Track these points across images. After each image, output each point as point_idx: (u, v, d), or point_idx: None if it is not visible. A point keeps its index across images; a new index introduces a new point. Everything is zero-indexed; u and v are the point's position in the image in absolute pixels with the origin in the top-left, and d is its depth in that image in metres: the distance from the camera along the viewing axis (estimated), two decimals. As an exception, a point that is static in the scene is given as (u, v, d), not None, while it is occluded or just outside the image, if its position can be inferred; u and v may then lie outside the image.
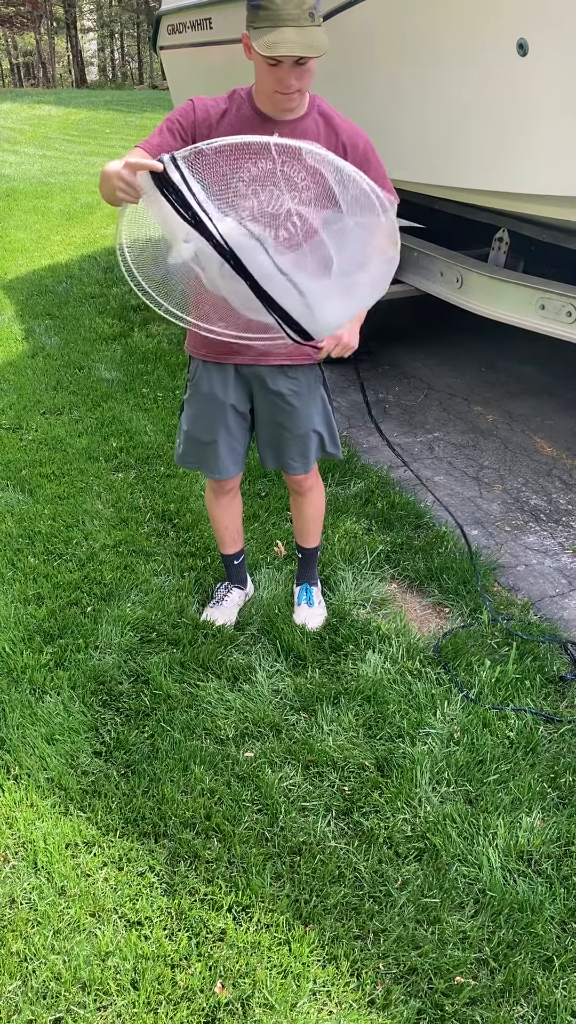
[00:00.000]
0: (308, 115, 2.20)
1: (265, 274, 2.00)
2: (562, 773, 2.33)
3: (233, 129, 2.15)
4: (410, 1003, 1.80)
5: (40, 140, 17.44)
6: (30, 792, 2.28)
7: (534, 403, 4.72)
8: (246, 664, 2.72)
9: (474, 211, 4.21)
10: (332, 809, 2.23)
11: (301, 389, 2.51)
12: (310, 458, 2.66)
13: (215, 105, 2.18)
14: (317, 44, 1.96)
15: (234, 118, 2.16)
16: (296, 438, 2.59)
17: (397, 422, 4.52)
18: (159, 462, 3.99)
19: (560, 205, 3.18)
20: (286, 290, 2.03)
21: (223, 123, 2.16)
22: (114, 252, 7.73)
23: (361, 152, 2.24)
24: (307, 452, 2.63)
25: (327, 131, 2.21)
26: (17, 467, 3.95)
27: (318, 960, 1.88)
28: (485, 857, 2.09)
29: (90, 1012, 1.77)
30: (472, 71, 3.24)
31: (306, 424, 2.57)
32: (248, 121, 2.16)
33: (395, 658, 2.73)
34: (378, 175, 2.26)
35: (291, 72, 2.02)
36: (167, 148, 2.13)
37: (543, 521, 3.60)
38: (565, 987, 1.83)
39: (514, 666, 2.66)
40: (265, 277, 2.00)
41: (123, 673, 2.68)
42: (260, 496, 3.70)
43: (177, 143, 2.15)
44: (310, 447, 2.62)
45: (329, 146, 2.19)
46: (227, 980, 1.83)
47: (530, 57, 2.91)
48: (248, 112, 2.17)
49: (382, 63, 3.85)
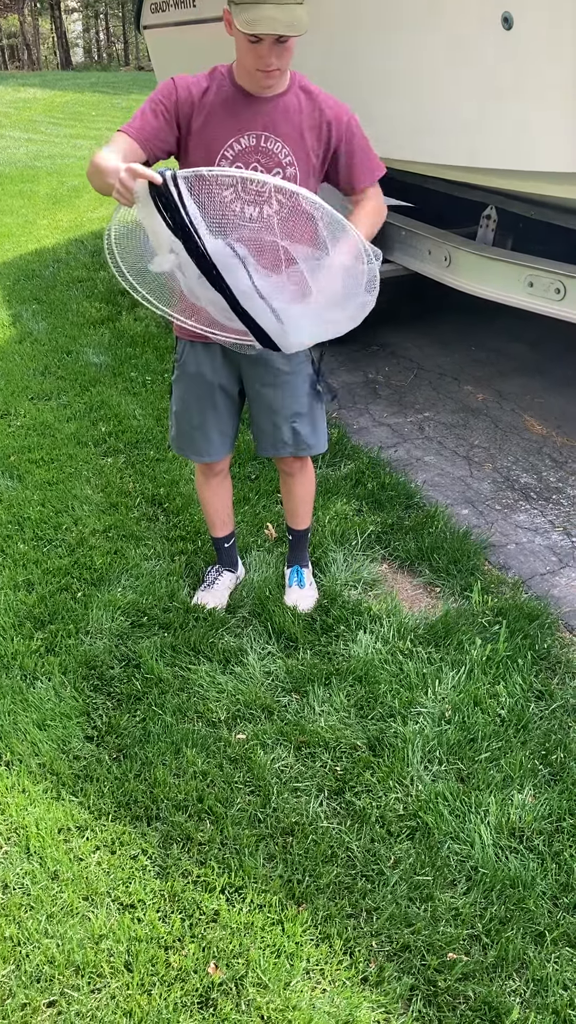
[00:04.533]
0: (289, 91, 2.18)
1: (244, 292, 2.01)
2: (553, 750, 2.33)
3: (215, 107, 2.14)
4: (403, 980, 1.81)
5: (25, 124, 17.28)
6: (22, 778, 2.28)
7: (524, 381, 4.71)
8: (237, 647, 2.72)
9: (462, 188, 4.18)
10: (324, 789, 2.24)
11: (290, 367, 2.49)
12: (300, 440, 2.64)
13: (196, 83, 2.16)
14: (298, 22, 1.94)
15: (215, 96, 2.14)
16: (285, 419, 2.57)
17: (387, 402, 4.51)
18: (148, 446, 3.97)
19: (548, 181, 3.16)
20: (263, 310, 2.05)
21: (205, 100, 2.14)
22: (100, 235, 7.68)
23: (345, 125, 2.22)
24: (297, 433, 2.61)
25: (310, 107, 2.19)
26: (5, 453, 3.93)
27: (311, 939, 1.89)
28: (477, 834, 2.09)
29: (84, 995, 1.78)
30: (458, 45, 3.21)
31: (295, 402, 2.55)
32: (229, 99, 2.14)
33: (386, 638, 2.73)
34: (363, 148, 2.26)
35: (271, 50, 2.00)
36: (150, 130, 2.14)
37: (533, 499, 3.60)
38: (557, 961, 1.84)
39: (505, 644, 2.67)
40: (244, 295, 2.02)
41: (114, 658, 2.68)
42: (250, 479, 3.69)
43: (160, 123, 2.14)
44: (300, 429, 2.60)
45: (313, 122, 2.17)
46: (220, 961, 1.84)
47: (515, 31, 2.88)
48: (229, 90, 2.15)
49: (368, 39, 3.81)
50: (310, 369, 2.55)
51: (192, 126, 2.16)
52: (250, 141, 2.15)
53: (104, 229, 2.09)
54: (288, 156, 2.17)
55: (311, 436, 2.64)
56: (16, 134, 15.64)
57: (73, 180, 11.03)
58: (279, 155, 2.17)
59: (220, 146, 2.16)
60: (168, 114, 2.14)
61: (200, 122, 2.15)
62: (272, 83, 2.10)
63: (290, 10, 1.93)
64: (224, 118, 2.14)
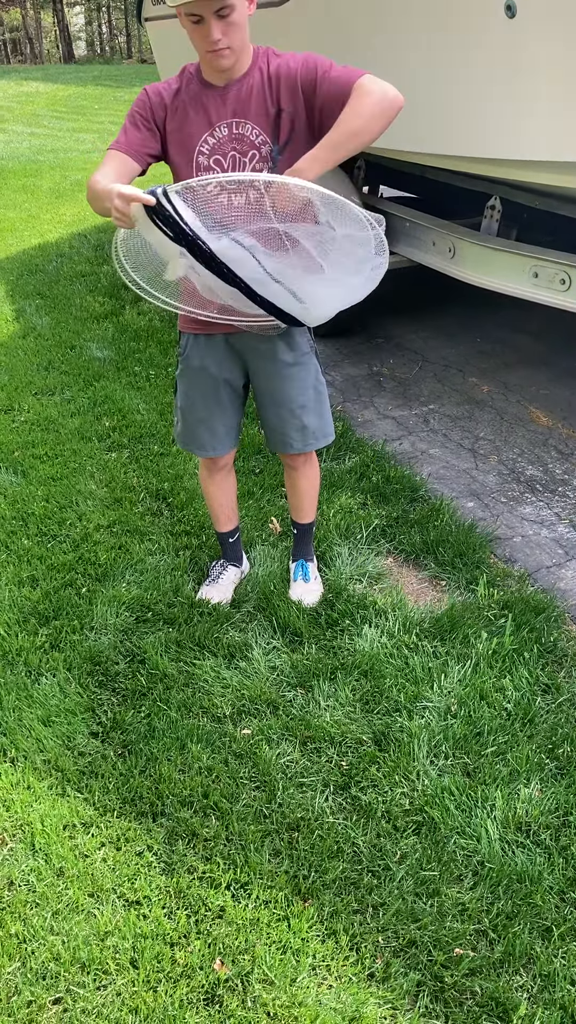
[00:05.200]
0: (252, 70, 2.14)
1: (259, 280, 2.02)
2: (560, 744, 2.32)
3: (186, 105, 2.16)
4: (409, 975, 1.80)
5: (28, 118, 17.25)
6: (27, 774, 2.27)
7: (529, 373, 4.68)
8: (242, 641, 2.71)
9: (466, 179, 4.15)
10: (330, 784, 2.23)
11: (294, 358, 2.47)
12: (307, 436, 2.62)
13: (167, 87, 2.19)
14: None
15: (185, 94, 2.17)
16: (291, 412, 2.55)
17: (392, 395, 4.49)
18: (152, 441, 3.96)
19: (553, 171, 3.13)
20: (281, 293, 2.07)
21: (177, 102, 2.16)
22: (104, 230, 7.67)
23: (302, 72, 2.10)
24: (305, 428, 2.60)
25: (266, 78, 2.12)
26: (9, 448, 3.93)
27: (317, 935, 1.88)
28: (483, 829, 2.08)
29: (90, 991, 1.78)
30: (460, 34, 3.18)
31: (301, 395, 2.53)
32: (197, 95, 2.15)
33: (392, 632, 2.72)
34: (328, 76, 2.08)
35: (215, 26, 1.98)
36: (136, 141, 2.18)
37: (539, 492, 3.58)
38: (564, 956, 1.83)
39: (511, 638, 2.65)
40: (259, 283, 2.03)
41: (119, 653, 2.67)
42: (255, 473, 3.68)
43: (143, 133, 2.19)
44: (307, 421, 2.59)
45: (273, 92, 2.12)
46: (226, 957, 1.83)
47: (518, 18, 2.85)
48: (197, 86, 2.16)
49: (369, 27, 3.78)
50: (315, 360, 2.54)
51: (168, 128, 2.19)
52: (223, 131, 2.15)
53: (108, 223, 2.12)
54: (260, 136, 2.14)
55: (318, 428, 2.63)
56: (19, 128, 15.61)
57: (76, 174, 11.00)
58: (252, 138, 2.15)
59: (196, 142, 2.17)
60: (147, 122, 2.19)
61: (175, 124, 2.18)
62: (226, 64, 2.07)
63: None
64: (195, 115, 2.15)
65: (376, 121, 2.04)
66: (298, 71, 2.10)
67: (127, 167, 2.16)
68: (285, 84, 2.11)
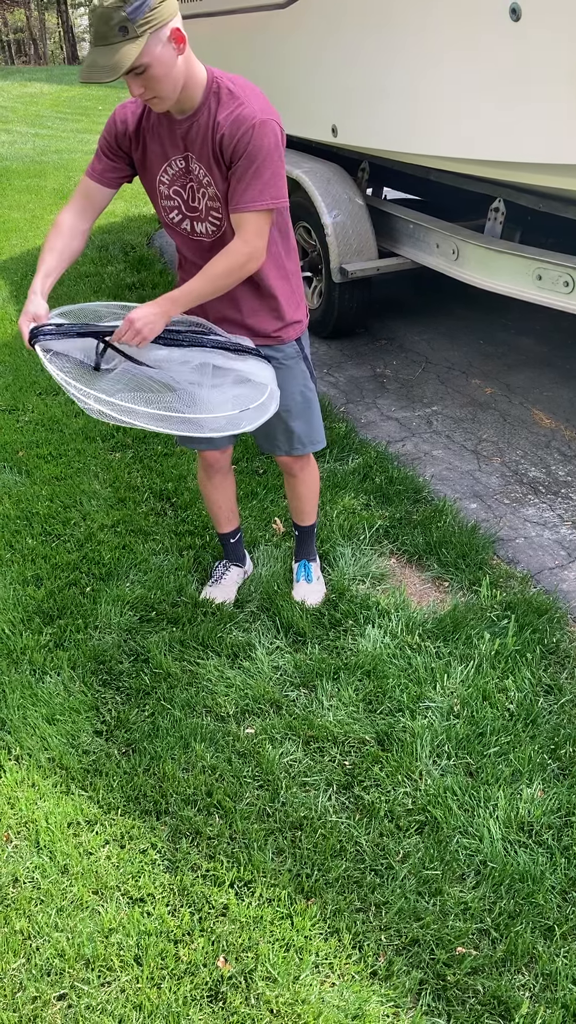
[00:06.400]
0: (203, 107, 2.04)
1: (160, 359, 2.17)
2: (562, 744, 2.33)
3: (149, 134, 2.14)
4: (412, 974, 1.81)
5: (32, 118, 17.26)
6: (31, 772, 2.28)
7: (532, 375, 4.69)
8: (246, 641, 2.72)
9: (469, 181, 4.16)
10: (333, 784, 2.24)
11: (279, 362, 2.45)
12: (293, 441, 2.61)
13: (133, 113, 2.16)
14: (119, 64, 1.82)
15: (150, 121, 2.13)
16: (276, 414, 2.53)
17: (395, 396, 4.50)
18: (156, 441, 3.97)
19: (557, 173, 3.14)
20: None
21: (143, 127, 2.15)
22: (108, 231, 7.69)
23: (238, 140, 2.00)
24: (291, 432, 2.59)
25: (211, 121, 2.02)
26: (14, 448, 3.94)
27: (320, 933, 1.89)
28: (486, 829, 2.09)
29: (94, 988, 1.79)
30: (465, 37, 3.19)
31: (287, 398, 2.46)
32: (156, 124, 2.12)
33: (395, 633, 2.73)
34: (249, 169, 2.01)
35: (133, 83, 1.93)
36: (101, 169, 2.22)
37: (542, 493, 3.59)
38: (566, 956, 1.84)
39: (513, 639, 2.66)
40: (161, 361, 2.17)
41: (123, 652, 2.69)
42: (257, 474, 3.69)
43: (107, 163, 2.21)
44: (294, 426, 2.57)
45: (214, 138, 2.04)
46: (230, 955, 1.84)
47: (523, 22, 2.87)
48: (156, 115, 2.11)
49: (372, 31, 3.79)
50: (303, 366, 2.52)
51: (135, 157, 2.20)
52: (179, 164, 2.14)
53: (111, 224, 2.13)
54: (206, 176, 2.11)
55: (305, 434, 2.60)
56: (23, 129, 15.63)
57: (80, 175, 10.98)
58: (200, 176, 2.12)
59: (156, 171, 2.18)
60: (112, 152, 2.20)
61: (139, 154, 2.18)
62: (160, 108, 2.01)
63: (114, 50, 1.82)
64: (155, 145, 2.15)
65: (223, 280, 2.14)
66: (239, 136, 2.00)
67: (98, 197, 2.24)
68: (227, 141, 2.02)
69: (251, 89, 2.06)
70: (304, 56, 4.45)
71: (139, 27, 1.81)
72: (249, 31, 5.06)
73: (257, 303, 2.33)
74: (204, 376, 2.11)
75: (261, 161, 2.01)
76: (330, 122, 4.43)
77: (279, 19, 4.61)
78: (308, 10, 4.30)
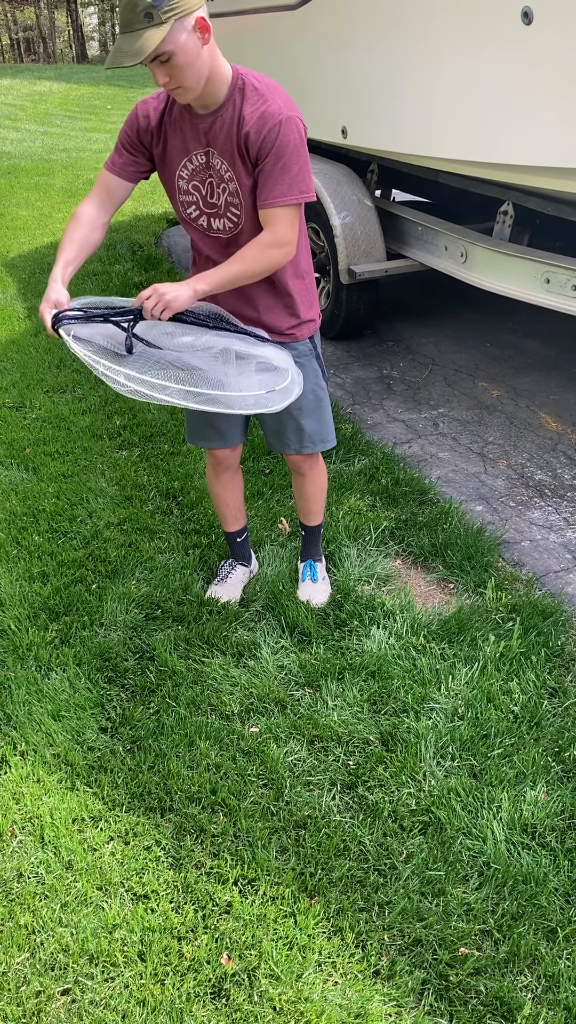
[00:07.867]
0: (227, 102, 2.06)
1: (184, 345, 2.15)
2: (566, 747, 2.33)
3: (170, 129, 2.15)
4: (415, 974, 1.81)
5: (41, 117, 17.29)
6: (37, 768, 2.29)
7: (539, 378, 4.69)
8: (251, 640, 2.72)
9: (478, 184, 4.17)
10: (337, 783, 2.25)
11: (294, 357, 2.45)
12: (304, 439, 2.62)
13: (156, 107, 2.17)
14: (143, 48, 1.84)
15: (173, 115, 2.15)
16: (288, 413, 2.51)
17: (402, 398, 4.50)
18: (163, 440, 3.98)
19: (566, 177, 3.14)
20: None
21: (165, 122, 2.16)
22: (116, 229, 7.70)
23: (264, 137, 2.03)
24: (302, 429, 2.60)
25: (236, 117, 2.05)
26: (21, 446, 3.95)
27: (323, 932, 1.90)
28: (489, 830, 2.10)
29: (98, 983, 1.79)
30: (476, 40, 3.20)
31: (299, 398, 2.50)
32: (178, 119, 2.14)
33: (399, 634, 2.73)
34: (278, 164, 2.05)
35: (158, 72, 1.94)
36: (121, 164, 2.23)
37: (548, 496, 3.59)
38: (569, 957, 1.84)
39: (518, 641, 2.66)
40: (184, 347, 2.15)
41: (128, 650, 2.69)
42: (264, 473, 3.70)
43: (127, 157, 2.22)
44: (305, 425, 2.59)
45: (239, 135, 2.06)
46: (233, 952, 1.85)
47: (535, 26, 2.87)
48: (179, 109, 2.13)
49: (383, 33, 3.80)
50: (315, 364, 2.54)
51: (155, 152, 2.21)
52: (200, 159, 2.15)
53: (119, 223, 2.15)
54: (228, 171, 2.12)
55: (316, 432, 2.61)
56: (32, 127, 15.65)
57: (88, 174, 11.03)
58: (222, 171, 2.13)
59: (176, 167, 2.19)
60: (132, 146, 2.21)
61: (160, 148, 2.19)
62: (185, 99, 2.03)
63: (139, 36, 1.85)
64: (176, 140, 2.16)
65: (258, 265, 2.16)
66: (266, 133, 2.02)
67: (117, 191, 2.26)
68: (252, 139, 2.04)
69: (275, 87, 2.09)
70: (314, 57, 4.46)
71: (164, 14, 1.84)
72: (260, 32, 5.07)
73: (272, 300, 2.34)
74: (228, 364, 2.11)
75: (288, 156, 2.05)
76: (340, 123, 4.44)
77: (290, 20, 4.62)
78: (319, 12, 4.31)
